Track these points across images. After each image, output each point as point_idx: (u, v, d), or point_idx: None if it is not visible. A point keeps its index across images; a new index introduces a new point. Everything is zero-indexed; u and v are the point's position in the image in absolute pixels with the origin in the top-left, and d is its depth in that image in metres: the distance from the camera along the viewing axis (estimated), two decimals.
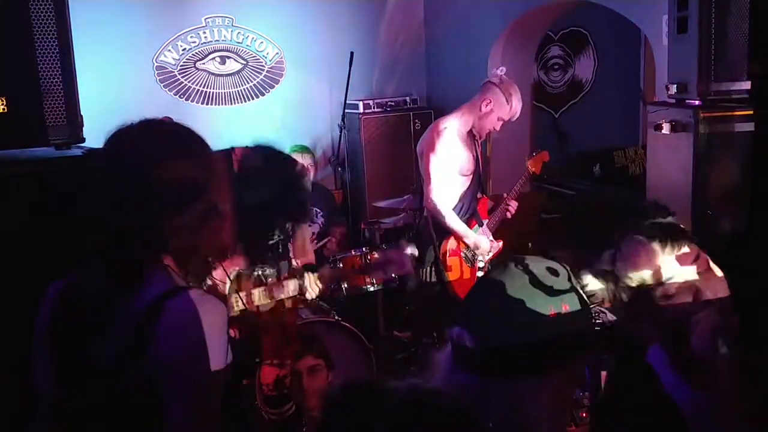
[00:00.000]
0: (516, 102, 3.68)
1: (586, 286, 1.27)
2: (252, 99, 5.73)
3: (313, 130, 5.80)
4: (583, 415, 2.43)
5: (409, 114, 5.77)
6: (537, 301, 1.13)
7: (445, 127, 3.66)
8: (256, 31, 5.69)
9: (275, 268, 2.91)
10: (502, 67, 3.77)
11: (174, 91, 5.49)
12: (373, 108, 5.72)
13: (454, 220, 3.67)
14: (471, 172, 3.75)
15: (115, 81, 4.99)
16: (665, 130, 3.24)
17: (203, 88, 5.60)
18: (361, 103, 5.66)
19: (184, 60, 5.52)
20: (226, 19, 5.60)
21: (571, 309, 1.15)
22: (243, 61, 5.67)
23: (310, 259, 3.12)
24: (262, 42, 5.72)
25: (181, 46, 5.49)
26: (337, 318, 3.78)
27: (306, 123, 5.76)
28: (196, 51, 5.55)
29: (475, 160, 3.75)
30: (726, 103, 3.10)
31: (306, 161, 4.72)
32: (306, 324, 3.51)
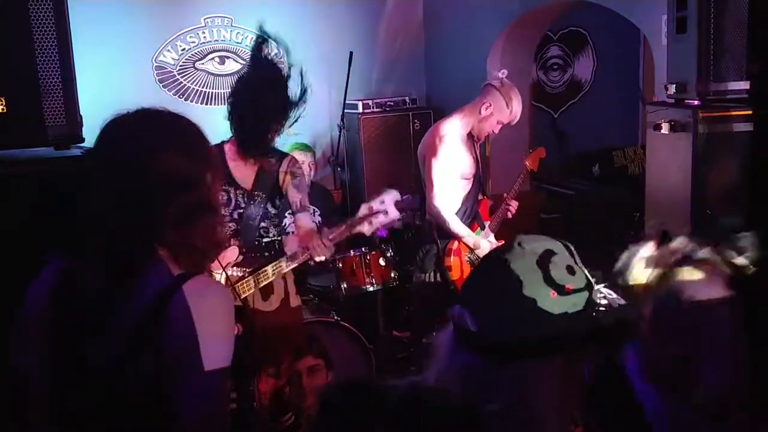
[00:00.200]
0: (516, 106, 3.68)
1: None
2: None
3: (312, 130, 5.80)
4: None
5: (408, 114, 5.77)
6: (540, 282, 1.12)
7: (447, 131, 3.66)
8: (255, 32, 5.68)
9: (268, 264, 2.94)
10: (504, 70, 3.76)
11: (173, 91, 5.49)
12: (373, 108, 5.72)
13: (457, 224, 3.67)
14: (472, 175, 3.75)
15: (114, 81, 4.98)
16: (664, 130, 3.24)
17: (202, 88, 5.60)
18: (360, 103, 5.66)
19: (184, 60, 5.51)
20: (226, 19, 5.60)
21: (576, 286, 1.13)
22: (242, 62, 5.67)
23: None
24: None
25: (180, 46, 5.49)
26: (337, 318, 3.78)
27: (305, 123, 5.75)
28: (196, 51, 5.55)
29: (475, 163, 3.75)
30: (725, 103, 3.10)
31: (307, 159, 4.74)
32: (305, 324, 3.51)
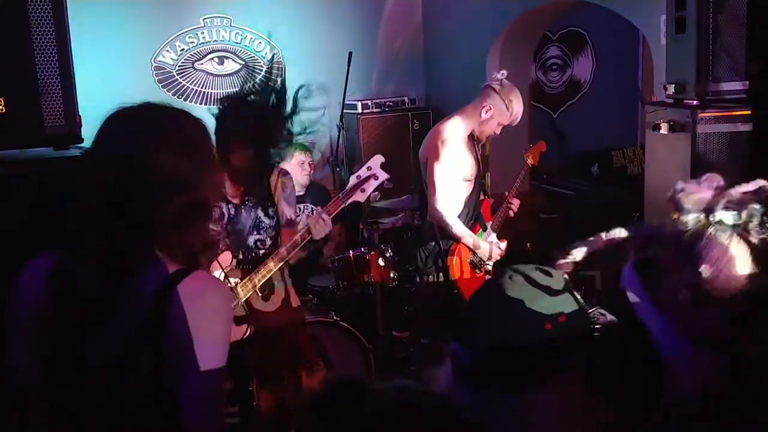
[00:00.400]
0: (517, 107, 3.67)
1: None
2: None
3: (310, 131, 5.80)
4: None
5: (407, 114, 5.77)
6: (534, 302, 1.13)
7: (449, 133, 3.65)
8: (254, 32, 5.69)
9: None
10: (503, 71, 3.75)
11: (172, 92, 5.49)
12: (372, 108, 5.72)
13: (459, 227, 3.67)
14: (474, 176, 3.75)
15: (113, 81, 4.98)
16: (663, 130, 3.24)
17: (201, 88, 5.60)
18: (359, 103, 5.66)
19: (183, 60, 5.51)
20: (224, 19, 5.60)
21: (567, 310, 1.14)
22: (241, 62, 5.67)
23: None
24: (260, 42, 5.72)
25: (179, 46, 5.49)
26: (336, 318, 3.78)
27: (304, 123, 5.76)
28: (195, 51, 5.55)
29: (477, 164, 3.75)
30: (724, 103, 3.10)
31: (306, 159, 4.74)
32: (307, 325, 3.51)
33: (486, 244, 3.73)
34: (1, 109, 2.33)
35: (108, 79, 4.95)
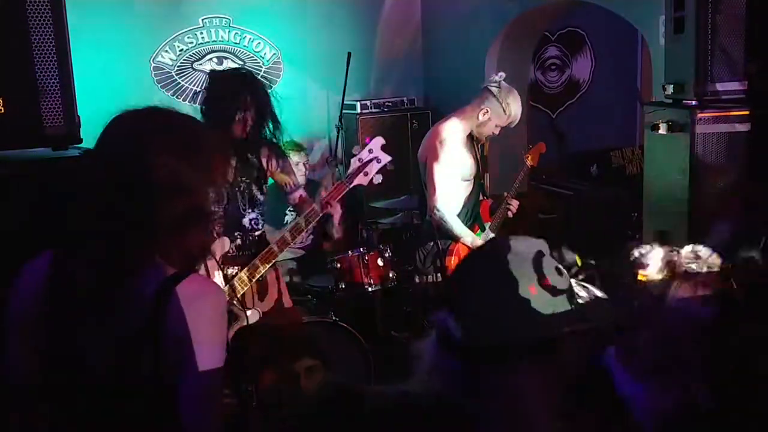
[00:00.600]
0: (514, 109, 3.67)
1: None
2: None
3: (310, 130, 5.80)
4: None
5: (406, 114, 5.77)
6: (534, 284, 1.11)
7: (448, 134, 3.65)
8: (253, 32, 5.69)
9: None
10: (501, 73, 3.74)
11: (171, 92, 5.49)
12: (371, 108, 5.72)
13: (459, 227, 3.67)
14: (473, 177, 3.75)
15: (112, 82, 4.97)
16: (662, 130, 3.25)
17: (200, 88, 5.58)
18: (358, 103, 5.66)
19: (182, 61, 5.51)
20: (223, 19, 5.59)
21: (565, 287, 1.13)
22: (240, 62, 5.67)
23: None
24: (259, 43, 5.71)
25: (178, 46, 5.49)
26: (335, 318, 3.78)
27: (303, 123, 5.76)
28: (194, 52, 5.54)
29: (476, 164, 3.76)
30: (722, 103, 3.10)
31: (301, 160, 4.76)
32: (304, 324, 3.51)
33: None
34: (0, 109, 2.34)
35: (107, 79, 4.95)
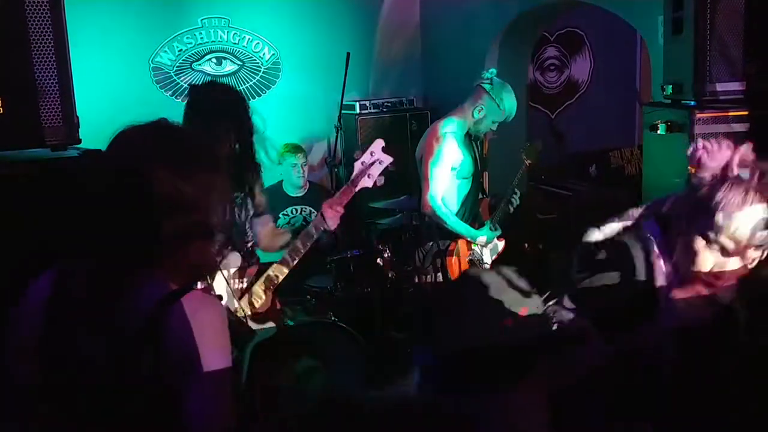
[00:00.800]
0: (509, 104, 3.69)
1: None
2: (248, 100, 5.71)
3: (309, 131, 5.80)
4: None
5: (405, 115, 5.77)
6: (502, 294, 1.13)
7: (444, 131, 3.67)
8: (252, 32, 5.69)
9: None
10: (492, 69, 3.79)
11: (170, 92, 5.49)
12: (370, 109, 5.71)
13: (453, 220, 3.67)
14: (471, 174, 3.76)
15: (111, 82, 4.98)
16: (661, 131, 3.25)
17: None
18: (357, 103, 5.66)
19: (181, 61, 5.51)
20: (222, 20, 5.59)
21: (529, 312, 1.15)
22: (239, 62, 5.67)
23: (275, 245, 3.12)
24: (258, 43, 5.71)
25: (177, 47, 5.49)
26: (334, 319, 3.78)
27: (302, 124, 5.76)
28: (193, 52, 5.54)
29: (474, 162, 3.76)
30: (721, 103, 3.10)
31: (299, 161, 4.76)
32: (302, 325, 3.51)
33: (483, 233, 3.73)
34: None
35: (106, 80, 4.95)
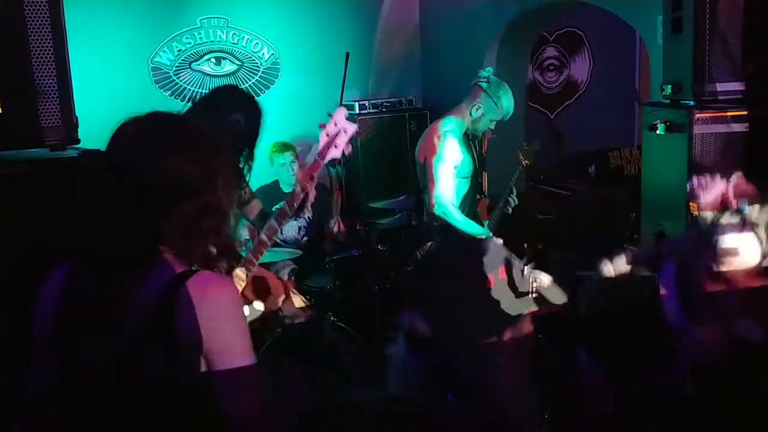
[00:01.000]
0: (506, 102, 3.69)
1: None
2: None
3: (308, 131, 5.80)
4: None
5: (404, 115, 5.77)
6: (483, 263, 1.14)
7: (445, 130, 3.67)
8: (251, 32, 5.69)
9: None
10: (488, 68, 3.79)
11: (169, 92, 5.49)
12: (369, 109, 5.72)
13: (462, 220, 3.67)
14: (470, 174, 3.76)
15: (110, 82, 4.97)
16: (660, 131, 3.25)
17: (199, 89, 5.59)
18: (356, 104, 5.66)
19: (180, 61, 5.51)
20: (222, 20, 5.59)
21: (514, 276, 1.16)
22: (238, 62, 5.67)
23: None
24: (257, 43, 5.71)
25: (176, 47, 5.48)
26: (333, 319, 3.78)
27: (301, 123, 5.76)
28: (192, 52, 5.54)
29: (473, 161, 3.77)
30: (720, 103, 3.10)
31: (287, 160, 4.77)
32: (300, 325, 3.51)
33: (486, 232, 3.72)
34: None
35: (105, 80, 4.95)
